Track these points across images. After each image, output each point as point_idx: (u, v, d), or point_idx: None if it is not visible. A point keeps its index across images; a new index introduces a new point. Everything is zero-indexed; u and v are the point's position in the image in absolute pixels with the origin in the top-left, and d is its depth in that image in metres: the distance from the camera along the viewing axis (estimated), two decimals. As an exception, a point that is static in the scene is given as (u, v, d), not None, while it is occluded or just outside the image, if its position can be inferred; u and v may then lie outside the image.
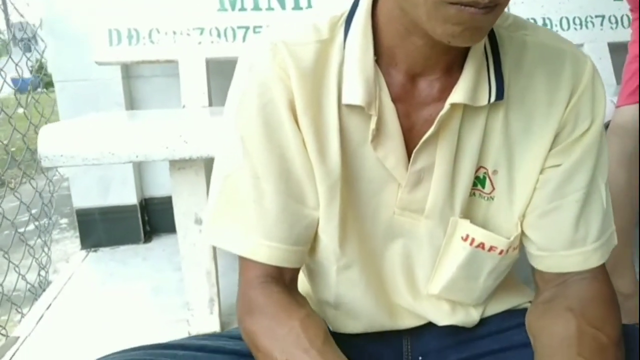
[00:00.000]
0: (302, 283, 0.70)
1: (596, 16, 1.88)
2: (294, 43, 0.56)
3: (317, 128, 0.56)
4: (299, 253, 0.60)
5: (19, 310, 1.51)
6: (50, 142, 0.95)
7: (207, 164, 1.16)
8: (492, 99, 0.56)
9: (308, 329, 0.56)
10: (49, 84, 1.98)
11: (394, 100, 0.56)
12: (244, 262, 0.60)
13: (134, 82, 1.92)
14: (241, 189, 0.58)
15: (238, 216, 0.59)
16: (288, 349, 0.54)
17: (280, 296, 0.59)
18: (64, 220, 2.61)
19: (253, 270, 0.59)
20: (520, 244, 0.63)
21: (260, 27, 1.59)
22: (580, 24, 1.87)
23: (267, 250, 0.58)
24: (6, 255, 1.49)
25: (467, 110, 0.56)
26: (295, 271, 0.62)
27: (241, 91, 0.57)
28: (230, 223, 0.59)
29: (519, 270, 0.70)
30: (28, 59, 1.81)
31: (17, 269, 1.54)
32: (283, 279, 0.60)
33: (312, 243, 0.62)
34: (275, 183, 0.57)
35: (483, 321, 0.68)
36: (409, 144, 0.57)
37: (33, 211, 1.80)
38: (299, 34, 0.57)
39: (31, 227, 1.88)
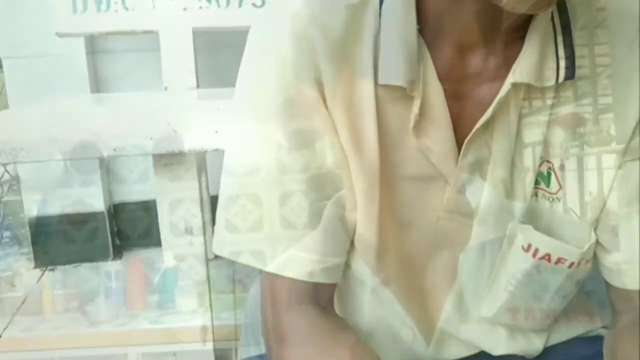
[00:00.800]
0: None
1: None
2: (319, 9, 0.57)
3: (350, 112, 0.57)
4: (337, 266, 0.61)
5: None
6: (9, 133, 0.97)
7: (200, 159, 1.18)
8: (561, 78, 0.57)
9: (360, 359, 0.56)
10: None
11: (441, 79, 0.57)
12: (269, 278, 0.60)
13: (101, 58, 1.92)
14: (263, 190, 0.59)
15: (260, 223, 0.59)
16: None
17: (320, 320, 0.59)
18: (7, 234, 2.61)
19: (283, 289, 0.59)
20: (593, 255, 0.64)
21: (260, -11, 1.60)
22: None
23: (299, 263, 0.58)
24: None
25: (529, 91, 0.58)
26: (332, 288, 0.63)
27: (257, 71, 0.59)
28: (250, 232, 0.59)
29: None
30: None
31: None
32: (318, 299, 0.61)
33: None
34: (304, 181, 0.58)
35: (547, 350, 0.69)
36: (458, 133, 0.59)
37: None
38: None
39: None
